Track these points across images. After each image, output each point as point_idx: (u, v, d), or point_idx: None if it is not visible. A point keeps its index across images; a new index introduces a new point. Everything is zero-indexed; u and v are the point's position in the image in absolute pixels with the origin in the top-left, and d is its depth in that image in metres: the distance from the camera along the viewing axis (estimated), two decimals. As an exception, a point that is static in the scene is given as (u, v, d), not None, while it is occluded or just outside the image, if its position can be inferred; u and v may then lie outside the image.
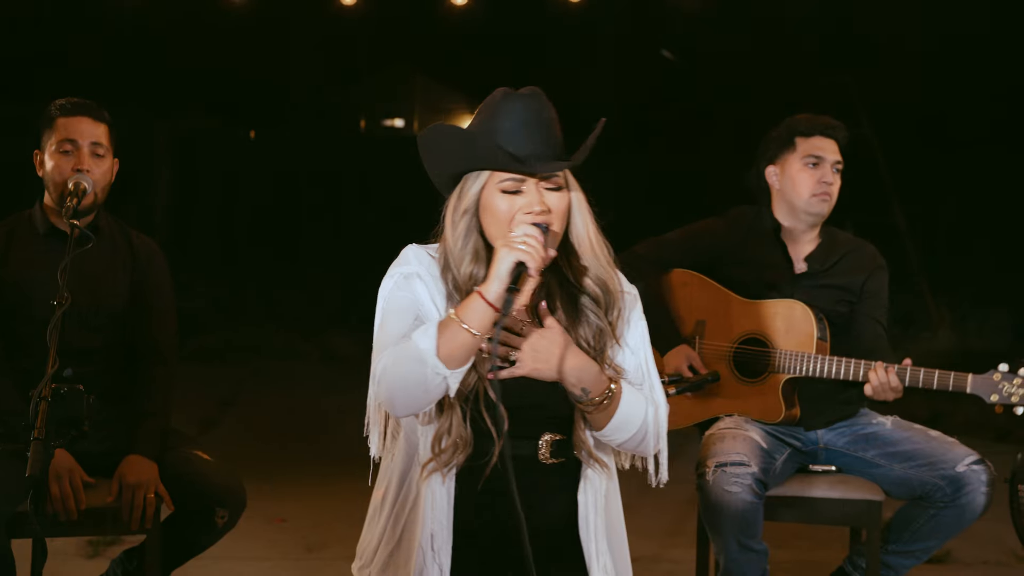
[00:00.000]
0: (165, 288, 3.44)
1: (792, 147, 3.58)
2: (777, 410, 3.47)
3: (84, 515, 3.11)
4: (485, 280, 2.21)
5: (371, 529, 2.46)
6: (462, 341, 2.16)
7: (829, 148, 3.58)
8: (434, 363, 2.16)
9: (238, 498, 3.26)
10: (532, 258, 2.17)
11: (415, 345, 2.17)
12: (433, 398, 2.21)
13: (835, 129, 3.59)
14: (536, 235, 2.20)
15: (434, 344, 2.16)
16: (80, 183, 3.13)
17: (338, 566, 4.59)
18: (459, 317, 2.17)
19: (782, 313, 3.50)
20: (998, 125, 12.63)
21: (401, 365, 2.18)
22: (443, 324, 2.18)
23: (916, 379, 3.29)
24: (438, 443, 2.28)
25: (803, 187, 3.55)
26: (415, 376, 2.17)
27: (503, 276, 2.16)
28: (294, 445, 6.76)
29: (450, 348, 2.16)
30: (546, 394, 2.31)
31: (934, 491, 3.36)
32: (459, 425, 2.26)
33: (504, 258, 2.17)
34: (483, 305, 2.16)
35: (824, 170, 3.55)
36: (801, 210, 3.57)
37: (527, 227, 2.22)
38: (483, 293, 2.17)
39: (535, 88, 2.34)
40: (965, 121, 13.21)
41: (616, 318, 2.36)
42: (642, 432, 2.33)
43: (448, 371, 2.17)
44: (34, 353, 3.12)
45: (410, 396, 2.19)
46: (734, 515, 3.22)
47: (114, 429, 3.26)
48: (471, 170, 2.32)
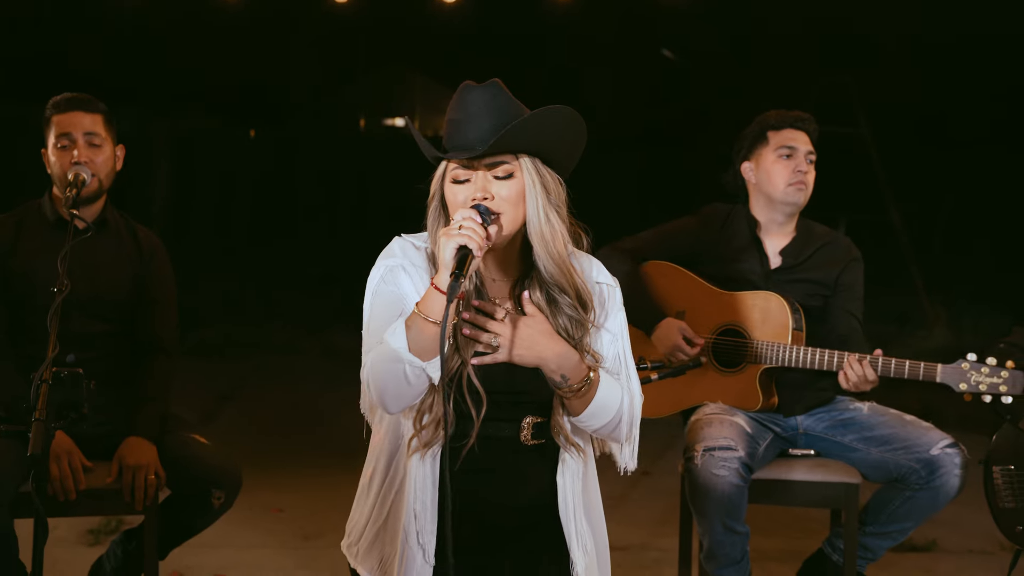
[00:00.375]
0: (168, 282, 3.54)
1: (765, 141, 3.67)
2: (755, 399, 3.56)
3: (84, 496, 3.21)
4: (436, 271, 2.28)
5: (359, 508, 2.53)
6: (428, 332, 2.23)
7: (801, 139, 3.66)
8: (409, 358, 2.24)
9: (234, 480, 3.35)
10: (470, 239, 2.22)
11: (389, 346, 2.25)
12: (419, 390, 2.29)
13: (805, 122, 3.68)
14: (473, 217, 2.26)
15: (405, 341, 2.23)
16: (79, 174, 3.23)
17: (333, 554, 4.66)
18: (421, 311, 2.23)
19: (759, 304, 3.59)
20: (997, 125, 12.70)
21: (381, 366, 2.26)
22: (409, 320, 2.25)
23: (888, 369, 3.38)
24: (419, 420, 2.36)
25: (778, 178, 3.63)
26: (395, 374, 2.25)
27: (448, 263, 2.22)
28: (292, 438, 6.83)
29: (419, 342, 2.23)
30: (528, 379, 2.38)
31: (909, 474, 3.45)
32: (439, 405, 2.33)
33: (445, 245, 2.23)
34: (438, 295, 2.23)
35: (798, 160, 3.63)
36: (778, 201, 3.65)
37: (463, 210, 2.28)
38: (436, 283, 2.24)
39: (495, 80, 2.39)
40: (964, 121, 13.27)
41: (585, 307, 2.41)
42: (616, 419, 2.41)
43: (424, 363, 2.25)
44: (39, 339, 3.21)
45: (396, 393, 2.28)
46: (720, 498, 3.30)
47: (113, 413, 3.36)
48: (431, 160, 2.41)
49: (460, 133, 2.33)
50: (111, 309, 3.43)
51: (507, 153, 2.33)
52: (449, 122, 2.36)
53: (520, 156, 2.35)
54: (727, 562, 3.39)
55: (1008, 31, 11.53)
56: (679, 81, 14.93)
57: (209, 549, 4.37)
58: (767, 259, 3.68)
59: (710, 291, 3.67)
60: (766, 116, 3.70)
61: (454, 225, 2.25)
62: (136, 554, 3.45)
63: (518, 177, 2.35)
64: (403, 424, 2.43)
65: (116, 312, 3.44)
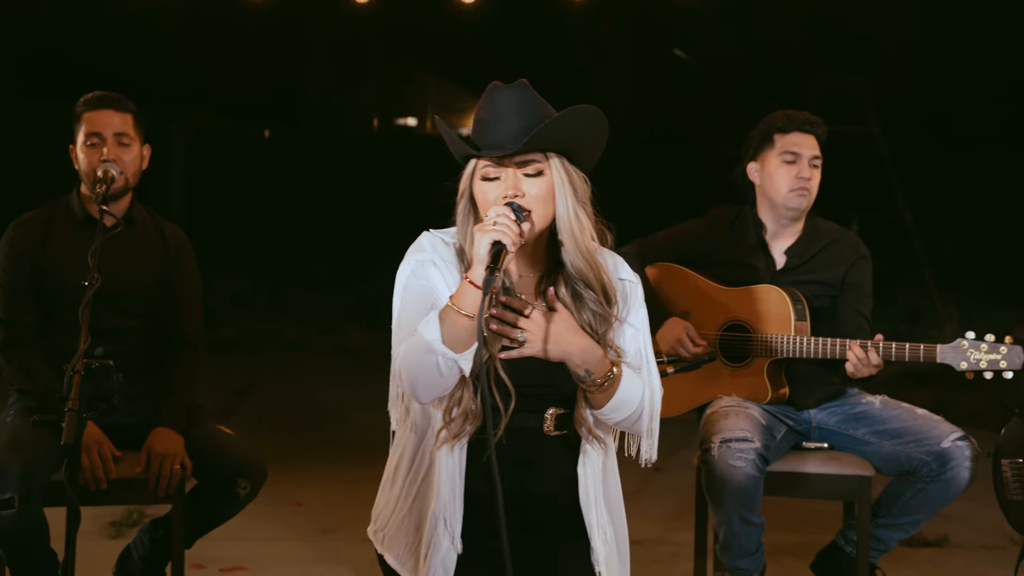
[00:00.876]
0: (194, 278, 3.61)
1: (771, 144, 3.69)
2: (764, 391, 3.61)
3: (113, 485, 3.29)
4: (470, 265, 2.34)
5: (385, 495, 2.59)
6: (462, 325, 2.29)
7: (806, 144, 3.66)
8: (442, 350, 2.30)
9: (259, 470, 3.42)
10: (504, 235, 2.29)
11: (422, 337, 2.31)
12: (450, 382, 2.36)
13: (812, 125, 3.67)
14: (506, 213, 2.32)
15: (439, 333, 2.30)
16: (108, 171, 3.30)
17: (352, 547, 4.73)
18: (455, 304, 2.30)
19: (760, 298, 3.63)
20: (1006, 124, 12.71)
21: (414, 357, 2.33)
22: (443, 313, 2.31)
23: (889, 352, 3.43)
24: (449, 413, 2.42)
25: (781, 182, 3.66)
26: (428, 366, 2.31)
27: (482, 257, 2.28)
28: (308, 433, 6.89)
29: (452, 334, 2.30)
30: (552, 373, 2.44)
31: (921, 466, 3.50)
32: (469, 398, 2.40)
33: (479, 240, 2.30)
34: (472, 289, 2.29)
35: (801, 165, 3.65)
36: (780, 205, 3.69)
37: (497, 207, 2.35)
38: (470, 277, 2.30)
39: (522, 80, 2.46)
40: (972, 120, 13.28)
41: (610, 302, 2.47)
42: (637, 412, 2.47)
43: (456, 355, 2.31)
44: (68, 332, 3.29)
45: (428, 384, 2.34)
46: (736, 489, 3.35)
47: (141, 405, 3.43)
48: (460, 159, 2.48)
49: (490, 132, 2.40)
50: (138, 304, 3.51)
51: (538, 151, 2.40)
52: (478, 122, 2.43)
53: (548, 154, 2.41)
54: (742, 553, 3.45)
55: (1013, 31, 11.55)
56: (691, 81, 14.96)
57: (229, 541, 4.43)
58: (772, 260, 3.73)
59: (714, 289, 3.72)
60: (774, 117, 3.72)
61: (488, 221, 2.32)
62: (163, 543, 3.52)
63: (547, 175, 2.41)
64: (430, 415, 2.49)
65: (143, 307, 3.52)
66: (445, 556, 2.44)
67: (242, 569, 4.38)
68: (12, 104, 13.40)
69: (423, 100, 24.30)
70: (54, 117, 13.25)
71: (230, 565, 4.39)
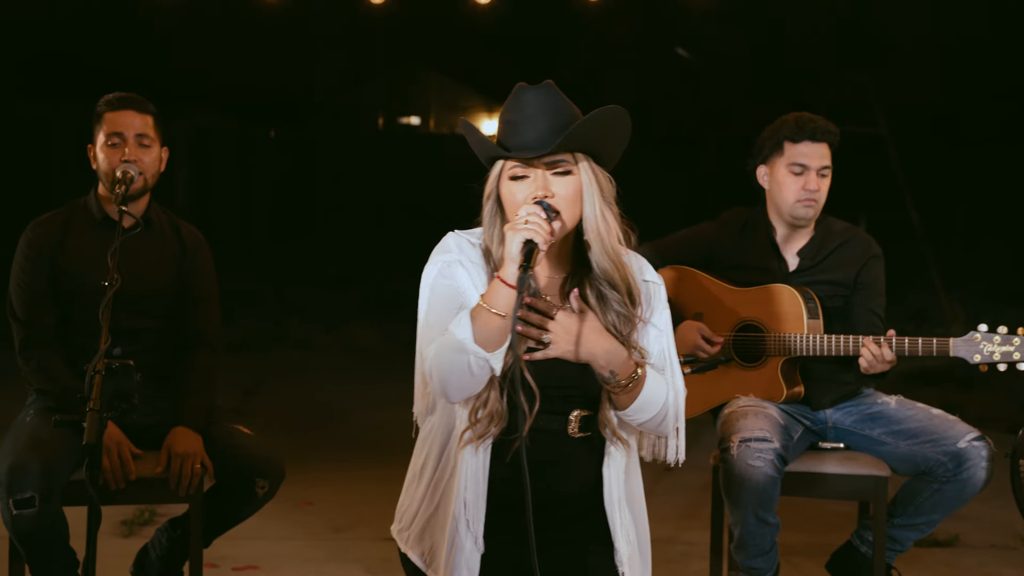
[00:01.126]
0: (211, 278, 3.63)
1: (780, 151, 3.67)
2: (779, 390, 3.62)
3: (132, 484, 3.30)
4: (502, 264, 2.35)
5: (409, 494, 2.60)
6: (494, 325, 2.31)
7: (815, 154, 3.64)
8: (474, 349, 2.32)
9: (277, 469, 3.43)
10: (536, 234, 2.30)
11: (454, 336, 2.33)
12: (481, 381, 2.37)
13: (824, 133, 3.64)
14: (537, 212, 2.34)
15: (470, 332, 2.31)
16: (128, 171, 3.31)
17: (363, 545, 4.74)
18: (486, 303, 2.32)
19: (772, 298, 3.64)
20: (1009, 124, 12.72)
21: (445, 357, 2.34)
22: (474, 312, 2.33)
23: (902, 347, 3.43)
24: (474, 414, 2.43)
25: (788, 192, 3.66)
26: (460, 365, 2.33)
27: (515, 256, 2.30)
28: (316, 432, 6.90)
29: (484, 333, 2.31)
30: (577, 374, 2.45)
31: (937, 467, 3.51)
32: (495, 399, 2.41)
33: (511, 239, 2.31)
34: (504, 288, 2.31)
35: (808, 177, 3.64)
36: (786, 213, 3.69)
37: (528, 206, 2.36)
38: (502, 276, 2.32)
39: (548, 81, 2.48)
40: (977, 120, 13.29)
41: (634, 303, 2.49)
42: (662, 414, 2.48)
43: (488, 354, 2.33)
44: (86, 332, 3.32)
45: (460, 383, 2.36)
46: (754, 488, 3.36)
47: (159, 405, 3.44)
48: (486, 160, 2.50)
49: (519, 133, 2.42)
50: (156, 305, 3.52)
51: (569, 152, 2.41)
52: (506, 123, 2.44)
53: (576, 154, 2.42)
54: (757, 552, 3.45)
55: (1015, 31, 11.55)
56: (696, 80, 14.96)
57: (241, 540, 4.44)
58: (785, 262, 3.73)
59: (726, 290, 3.73)
60: (785, 122, 3.69)
61: (519, 220, 2.33)
62: (181, 542, 3.53)
63: (576, 175, 2.43)
64: (455, 415, 2.50)
65: (161, 308, 3.53)
66: (469, 557, 2.45)
67: (254, 568, 4.39)
68: (17, 104, 13.41)
69: (426, 99, 24.32)
70: (59, 117, 13.32)
71: (243, 564, 4.40)
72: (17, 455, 3.16)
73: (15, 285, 3.46)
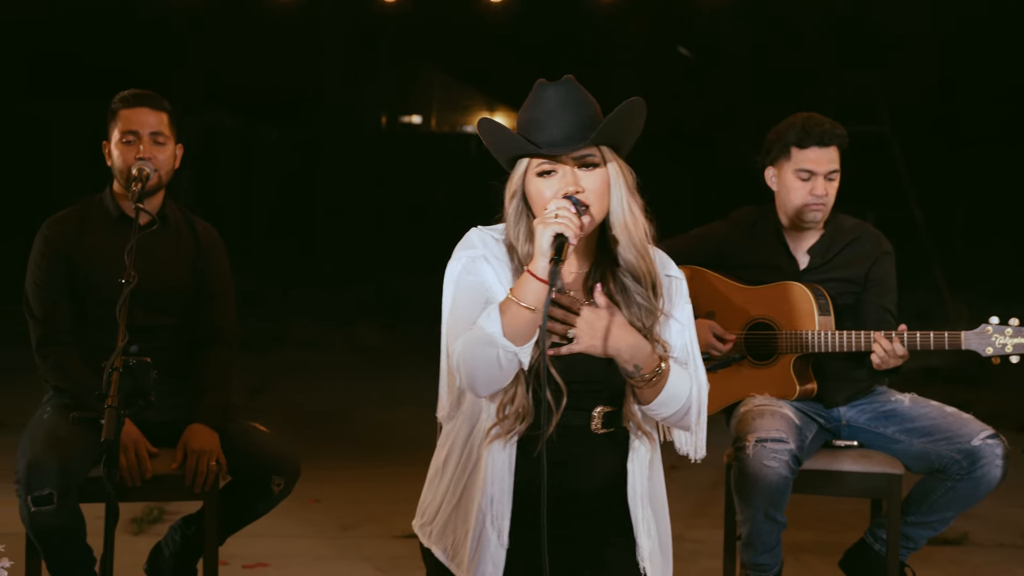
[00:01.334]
0: (226, 274, 3.63)
1: (788, 156, 3.66)
2: (792, 388, 3.62)
3: (148, 481, 3.30)
4: (531, 258, 2.36)
5: (432, 489, 2.60)
6: (523, 318, 2.31)
7: (823, 159, 3.62)
8: (503, 343, 2.32)
9: (293, 467, 3.43)
10: (567, 227, 2.31)
11: (483, 330, 2.33)
12: (509, 374, 2.37)
13: (832, 137, 3.63)
14: (567, 206, 2.35)
15: (499, 326, 2.32)
16: (143, 169, 3.31)
17: (372, 543, 4.75)
18: (515, 296, 2.32)
19: (782, 296, 3.64)
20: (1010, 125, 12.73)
21: (474, 351, 2.35)
22: (503, 306, 2.34)
23: (914, 342, 3.43)
24: (502, 410, 2.44)
25: (795, 197, 3.66)
26: (488, 358, 2.33)
27: (545, 250, 2.30)
28: (322, 431, 6.91)
29: (513, 327, 2.32)
30: (600, 369, 2.45)
31: (951, 464, 3.51)
32: (522, 395, 2.41)
33: (542, 233, 2.31)
34: (534, 281, 2.31)
35: (816, 183, 3.63)
36: (794, 216, 3.70)
37: (558, 200, 2.37)
38: (531, 270, 2.32)
39: (568, 76, 2.49)
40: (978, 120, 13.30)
41: (657, 296, 2.49)
42: (685, 408, 2.49)
43: (517, 348, 2.33)
44: (102, 329, 3.33)
45: (488, 376, 2.36)
46: (767, 488, 3.36)
47: (175, 402, 3.45)
48: (509, 158, 2.50)
49: (544, 129, 2.42)
50: (172, 302, 3.52)
51: (596, 145, 2.43)
52: (529, 120, 2.44)
53: (602, 147, 2.43)
54: (763, 549, 3.46)
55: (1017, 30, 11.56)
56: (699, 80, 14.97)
57: (251, 538, 4.43)
58: (795, 261, 3.73)
59: (736, 289, 3.73)
60: (792, 125, 3.67)
61: (549, 214, 2.33)
62: (195, 539, 3.53)
63: (603, 168, 2.44)
64: (479, 410, 2.50)
65: (177, 305, 3.53)
66: (494, 552, 2.45)
67: (264, 566, 4.40)
68: (21, 104, 13.41)
69: (428, 98, 24.32)
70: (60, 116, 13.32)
71: (252, 562, 4.40)
72: (35, 452, 3.16)
73: (31, 282, 3.47)
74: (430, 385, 2.66)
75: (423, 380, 9.20)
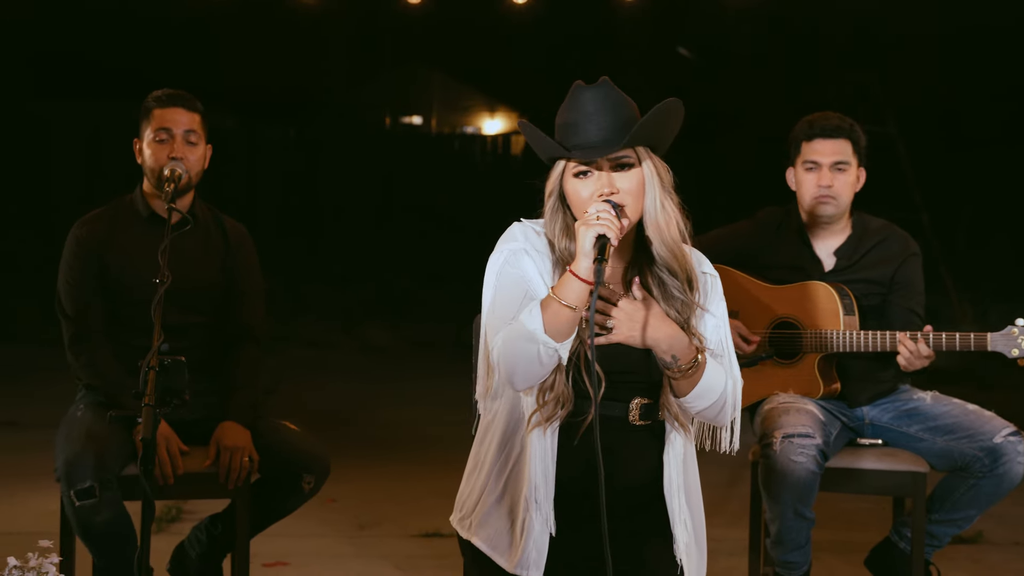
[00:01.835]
0: (254, 271, 3.65)
1: (798, 151, 3.73)
2: (816, 387, 3.64)
3: (180, 479, 3.32)
4: (573, 258, 2.40)
5: (471, 483, 2.63)
6: (564, 317, 2.37)
7: (827, 150, 3.67)
8: (544, 339, 2.37)
9: (323, 465, 3.46)
10: (608, 229, 2.36)
11: (524, 327, 2.38)
12: (548, 370, 2.43)
13: (836, 130, 3.67)
14: (607, 209, 2.40)
15: (541, 323, 2.36)
16: (176, 169, 3.33)
17: (389, 542, 4.77)
18: (557, 295, 2.37)
19: (807, 295, 3.67)
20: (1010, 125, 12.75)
21: (514, 346, 2.40)
22: (544, 303, 2.39)
23: (940, 343, 3.46)
24: (542, 396, 2.48)
25: (805, 191, 3.71)
26: (529, 354, 2.38)
27: (588, 251, 2.36)
28: (335, 431, 6.92)
29: (555, 324, 2.37)
30: (639, 360, 2.51)
31: (973, 462, 3.53)
32: (562, 382, 2.46)
33: (584, 235, 2.37)
34: (576, 281, 2.37)
35: (821, 173, 3.67)
36: (808, 212, 3.73)
37: (598, 203, 2.43)
38: (574, 270, 2.37)
39: (604, 78, 2.53)
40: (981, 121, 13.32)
41: (692, 290, 2.54)
42: (720, 402, 2.53)
43: (557, 344, 2.38)
44: (134, 328, 3.36)
45: (528, 372, 2.41)
46: (795, 484, 3.38)
47: (207, 400, 3.47)
48: (547, 159, 2.56)
49: (582, 131, 2.47)
50: (203, 301, 3.54)
51: (632, 147, 2.47)
52: (565, 122, 2.50)
53: (637, 148, 2.48)
54: (793, 547, 3.49)
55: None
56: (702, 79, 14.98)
57: (269, 537, 4.44)
58: (820, 262, 3.75)
59: (761, 288, 3.75)
60: (801, 123, 3.73)
61: (591, 216, 2.38)
62: (222, 539, 3.55)
63: (638, 169, 2.48)
64: (519, 402, 2.54)
65: (208, 303, 3.55)
66: (538, 538, 2.49)
67: (284, 565, 4.42)
68: (25, 103, 13.41)
69: (428, 98, 24.32)
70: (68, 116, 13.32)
71: (271, 560, 4.42)
72: (72, 449, 3.19)
73: (63, 283, 3.49)
74: (437, 385, 2.69)
75: (431, 380, 9.25)
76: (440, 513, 5.03)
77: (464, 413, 2.61)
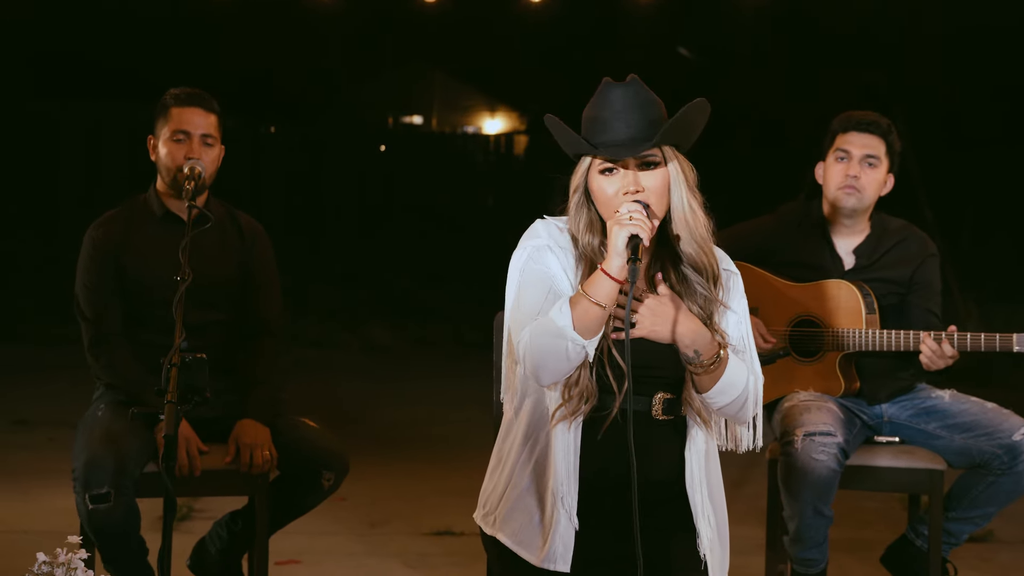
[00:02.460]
0: (270, 265, 3.65)
1: (832, 143, 3.74)
2: (837, 385, 3.65)
3: (200, 477, 3.33)
4: (605, 257, 2.43)
5: (494, 479, 2.64)
6: (593, 314, 2.39)
7: (860, 142, 3.68)
8: (572, 336, 2.39)
9: (343, 462, 3.48)
10: (641, 229, 2.38)
11: (553, 323, 2.39)
12: (575, 365, 2.44)
13: (871, 125, 3.69)
14: (639, 209, 2.42)
15: (570, 320, 2.38)
16: (195, 167, 3.34)
17: (400, 540, 4.77)
18: (587, 293, 2.39)
19: (830, 293, 3.67)
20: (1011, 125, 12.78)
21: (542, 341, 2.41)
22: (574, 300, 2.40)
23: (964, 343, 3.48)
24: (567, 391, 2.49)
25: (832, 180, 3.71)
26: (557, 350, 2.40)
27: (621, 251, 2.38)
28: (341, 430, 6.91)
29: (584, 322, 2.39)
30: (662, 355, 2.52)
31: (992, 459, 3.54)
32: (586, 377, 2.47)
33: (617, 234, 2.39)
34: (607, 280, 2.39)
35: (851, 164, 3.68)
36: (831, 202, 3.74)
37: (629, 204, 2.44)
38: (606, 269, 2.39)
39: (634, 76, 2.54)
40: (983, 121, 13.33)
41: (716, 286, 2.56)
42: (742, 398, 2.54)
43: (586, 341, 2.40)
44: (151, 327, 3.38)
45: (555, 367, 2.43)
46: (816, 481, 3.39)
47: (226, 399, 3.47)
48: (573, 155, 2.57)
49: (610, 129, 2.48)
50: (221, 297, 3.54)
51: (659, 147, 2.49)
52: (593, 119, 2.51)
53: (663, 147, 2.49)
54: (812, 544, 3.50)
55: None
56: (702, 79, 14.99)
57: (280, 535, 4.42)
58: (840, 260, 3.76)
59: (783, 285, 3.75)
60: (836, 118, 3.77)
61: (623, 216, 2.40)
62: (242, 535, 3.55)
63: (663, 167, 2.50)
64: (543, 398, 2.55)
65: (226, 300, 3.55)
66: (564, 533, 2.50)
67: (296, 563, 4.42)
68: (25, 103, 13.41)
69: (429, 98, 24.32)
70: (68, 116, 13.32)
71: (284, 559, 4.42)
72: (92, 451, 3.19)
73: (81, 285, 3.49)
74: (440, 385, 2.70)
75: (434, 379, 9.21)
76: (449, 511, 5.06)
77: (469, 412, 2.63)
